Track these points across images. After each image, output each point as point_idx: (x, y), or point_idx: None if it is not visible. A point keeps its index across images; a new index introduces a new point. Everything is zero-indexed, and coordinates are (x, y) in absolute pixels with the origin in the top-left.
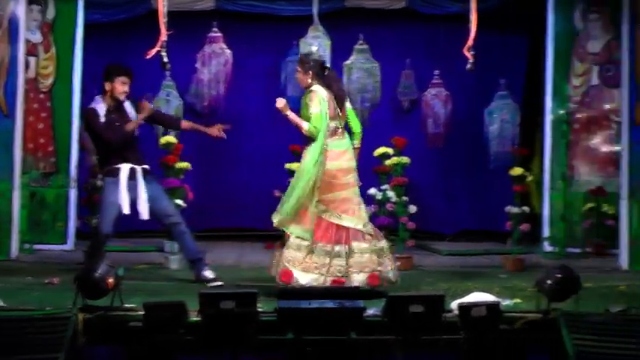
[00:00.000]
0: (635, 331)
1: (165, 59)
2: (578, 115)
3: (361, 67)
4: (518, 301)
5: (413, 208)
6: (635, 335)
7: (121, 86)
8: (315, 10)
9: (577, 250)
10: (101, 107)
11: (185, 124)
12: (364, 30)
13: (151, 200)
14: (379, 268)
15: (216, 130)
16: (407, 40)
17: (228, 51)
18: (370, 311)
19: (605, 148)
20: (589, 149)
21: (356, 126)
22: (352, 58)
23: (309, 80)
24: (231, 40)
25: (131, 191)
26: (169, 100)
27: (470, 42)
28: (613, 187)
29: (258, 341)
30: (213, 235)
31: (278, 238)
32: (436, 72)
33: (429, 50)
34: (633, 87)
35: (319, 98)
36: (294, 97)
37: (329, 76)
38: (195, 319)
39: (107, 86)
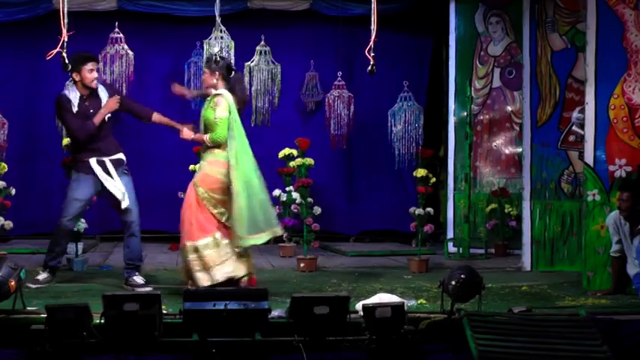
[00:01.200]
0: (538, 331)
1: (66, 60)
2: (481, 117)
3: (263, 68)
4: (423, 301)
5: (317, 210)
6: (538, 335)
7: (89, 74)
8: (217, 11)
9: (480, 251)
10: (74, 95)
11: (156, 117)
12: (268, 31)
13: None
14: None
15: (186, 131)
16: (311, 42)
17: (130, 52)
18: (275, 312)
19: (507, 150)
20: (492, 150)
21: None
22: (254, 59)
23: (215, 81)
24: (134, 41)
25: (97, 185)
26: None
27: (371, 44)
28: (515, 187)
29: (162, 343)
30: (116, 237)
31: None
32: (339, 74)
33: (332, 52)
34: (535, 89)
35: (228, 103)
36: (200, 99)
37: (234, 78)
38: (98, 321)
39: (76, 77)
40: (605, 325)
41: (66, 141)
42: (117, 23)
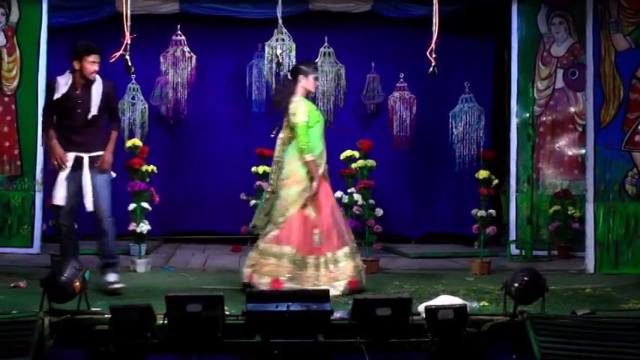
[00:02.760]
0: (601, 334)
1: (130, 63)
2: (544, 118)
3: (327, 69)
4: (485, 304)
5: (379, 211)
6: (601, 338)
7: (90, 65)
8: (278, 13)
9: (543, 253)
10: (66, 82)
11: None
12: (329, 33)
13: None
14: None
15: None
16: (372, 44)
17: (192, 54)
18: (337, 314)
19: (570, 151)
20: (554, 152)
21: None
22: (318, 60)
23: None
24: (196, 43)
25: (75, 181)
26: (134, 104)
27: (432, 45)
28: (578, 189)
29: (225, 344)
30: (178, 238)
31: (244, 242)
32: (401, 75)
33: (394, 53)
34: (598, 90)
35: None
36: (260, 100)
37: None
38: (162, 321)
39: (76, 65)
40: None
41: (129, 143)
42: (179, 26)
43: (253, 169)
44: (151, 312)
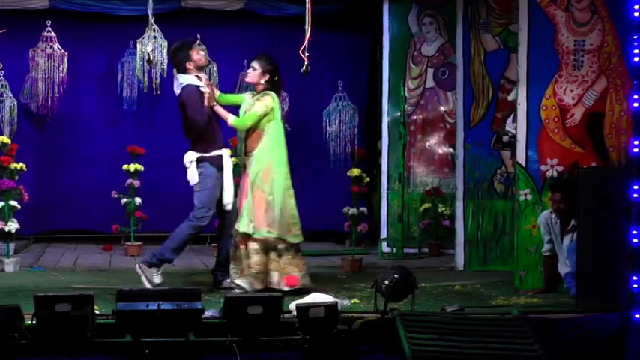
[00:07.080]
0: (470, 330)
1: None
2: (415, 117)
3: None
4: (357, 301)
5: None
6: (471, 334)
7: (197, 56)
8: (150, 10)
9: (414, 251)
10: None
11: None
12: (202, 31)
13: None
14: None
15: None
16: (245, 42)
17: (63, 51)
18: (209, 312)
19: (440, 150)
20: (425, 150)
21: None
22: None
23: (263, 82)
24: (67, 40)
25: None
26: (3, 100)
27: (305, 44)
28: (449, 187)
29: (95, 344)
30: (49, 237)
31: (115, 240)
32: None
33: (267, 52)
34: (468, 90)
35: (269, 104)
36: (131, 97)
37: (279, 83)
38: (30, 322)
39: (189, 65)
40: (536, 324)
41: None
42: (49, 22)
43: (125, 167)
44: (19, 312)
